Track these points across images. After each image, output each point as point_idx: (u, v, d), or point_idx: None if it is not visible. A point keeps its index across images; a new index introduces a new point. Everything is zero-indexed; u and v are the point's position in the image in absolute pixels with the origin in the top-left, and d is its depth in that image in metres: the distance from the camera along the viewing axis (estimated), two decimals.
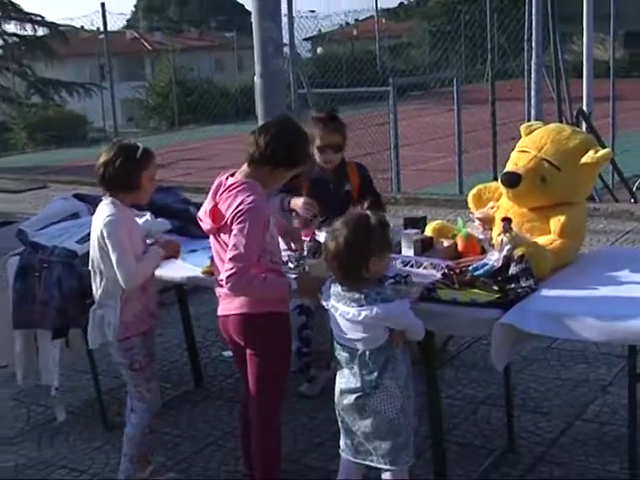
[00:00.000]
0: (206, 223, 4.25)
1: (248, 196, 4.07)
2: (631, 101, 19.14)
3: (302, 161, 4.34)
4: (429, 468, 4.34)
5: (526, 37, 12.85)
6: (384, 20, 42.46)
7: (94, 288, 4.60)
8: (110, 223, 4.45)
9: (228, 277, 4.02)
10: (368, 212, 3.97)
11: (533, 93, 12.41)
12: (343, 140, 5.61)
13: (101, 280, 4.54)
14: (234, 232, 4.04)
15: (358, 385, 3.91)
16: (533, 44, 12.38)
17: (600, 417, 5.35)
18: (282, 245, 4.65)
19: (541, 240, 4.42)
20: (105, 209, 4.53)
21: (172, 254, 4.81)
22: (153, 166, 4.60)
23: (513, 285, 4.07)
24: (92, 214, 6.04)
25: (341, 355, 3.98)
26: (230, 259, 4.02)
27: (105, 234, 4.44)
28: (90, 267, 4.62)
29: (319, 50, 39.87)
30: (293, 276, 4.38)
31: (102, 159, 4.53)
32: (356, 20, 40.34)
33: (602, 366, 6.06)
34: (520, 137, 4.82)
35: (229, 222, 4.08)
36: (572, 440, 5.10)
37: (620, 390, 5.35)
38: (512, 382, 5.20)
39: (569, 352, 6.29)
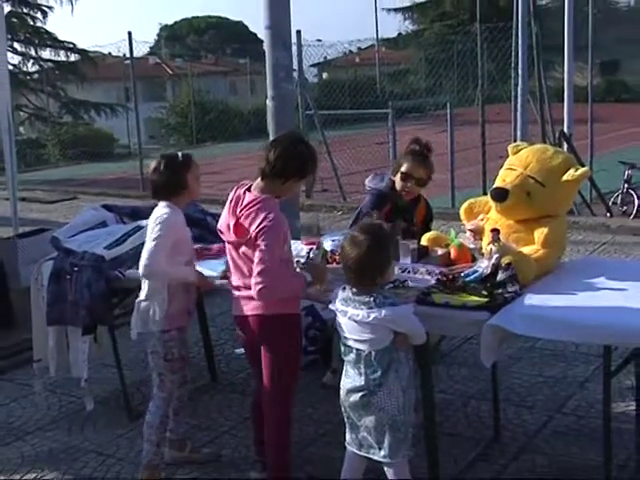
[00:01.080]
0: (229, 237, 4.26)
1: (269, 213, 4.09)
2: (607, 124, 19.14)
3: (310, 171, 4.36)
4: (423, 456, 4.33)
5: (513, 65, 12.88)
6: (384, 49, 42.51)
7: (142, 282, 4.62)
8: (162, 219, 4.50)
9: (259, 291, 4.05)
10: (382, 223, 3.99)
11: (519, 116, 12.42)
12: (427, 178, 5.48)
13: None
14: (260, 247, 4.06)
15: (363, 384, 3.90)
16: (519, 71, 12.39)
17: (578, 410, 5.36)
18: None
19: (526, 250, 4.43)
20: (162, 210, 4.57)
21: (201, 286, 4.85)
22: (196, 167, 4.65)
23: (500, 290, 4.07)
24: (119, 223, 6.11)
25: (348, 356, 3.97)
26: (259, 273, 4.04)
27: (154, 226, 4.49)
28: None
29: (325, 75, 39.87)
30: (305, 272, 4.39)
31: (151, 170, 4.60)
32: (359, 48, 40.30)
33: (580, 364, 6.06)
34: (508, 156, 4.81)
35: (253, 237, 4.09)
36: (553, 431, 5.11)
37: (596, 386, 5.35)
38: (499, 378, 5.21)
39: (550, 351, 6.29)
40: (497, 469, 4.70)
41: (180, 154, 4.67)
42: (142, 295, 4.62)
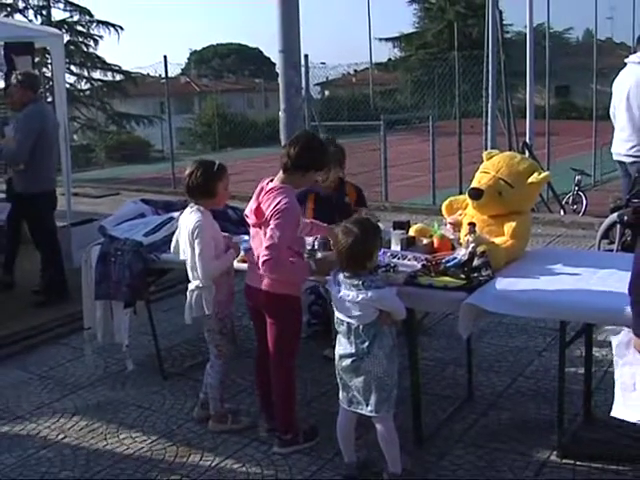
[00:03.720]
0: (251, 219, 4.22)
1: (284, 198, 4.04)
2: (560, 137, 19.04)
3: (327, 163, 4.32)
4: (409, 413, 4.31)
5: (484, 87, 12.83)
6: (376, 71, 42.43)
7: (190, 276, 4.54)
8: (198, 228, 4.39)
9: (264, 262, 4.00)
10: (369, 217, 3.96)
11: (489, 129, 12.38)
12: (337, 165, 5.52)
13: (195, 270, 4.48)
14: (271, 226, 4.01)
15: (353, 351, 3.88)
16: (489, 92, 12.36)
17: (537, 374, 5.32)
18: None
19: (497, 240, 4.40)
20: (194, 216, 4.45)
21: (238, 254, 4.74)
22: (227, 177, 4.52)
23: (476, 274, 4.05)
24: (155, 214, 6.06)
25: (341, 328, 3.95)
26: (266, 247, 3.99)
27: (194, 236, 4.40)
28: (186, 261, 4.56)
29: (327, 92, 39.77)
30: (312, 262, 4.33)
31: (187, 172, 4.48)
32: (355, 71, 40.24)
33: (539, 336, 6.02)
34: (482, 161, 4.77)
35: (268, 218, 4.04)
36: (516, 392, 5.07)
37: (552, 354, 5.31)
38: (472, 348, 5.16)
39: (515, 325, 6.25)
40: (469, 422, 4.68)
41: (216, 164, 4.49)
42: (192, 286, 4.53)
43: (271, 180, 4.22)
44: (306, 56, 12.79)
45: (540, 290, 3.90)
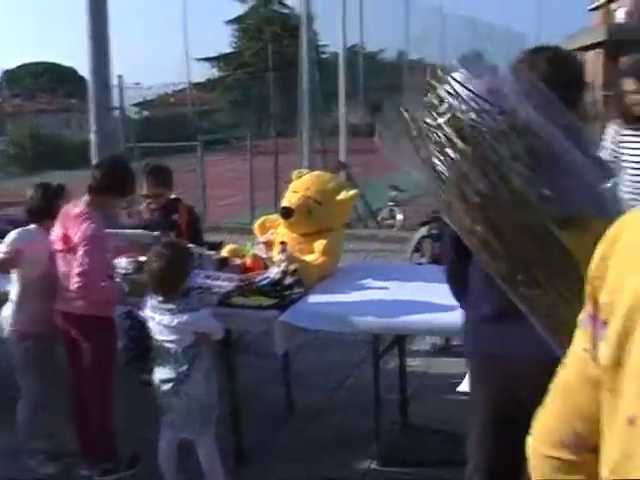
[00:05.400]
0: (58, 245, 4.11)
1: (90, 224, 3.98)
2: (377, 154, 19.52)
3: (131, 191, 4.27)
4: (228, 432, 4.30)
5: (299, 107, 13.07)
6: (195, 91, 42.23)
7: None
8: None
9: (76, 288, 3.92)
10: (179, 240, 3.96)
11: (305, 147, 12.61)
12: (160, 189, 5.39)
13: None
14: (80, 253, 3.93)
15: (173, 375, 3.82)
16: (304, 112, 12.60)
17: (354, 387, 5.44)
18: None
19: (308, 258, 4.48)
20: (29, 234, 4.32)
21: None
22: (68, 197, 4.37)
23: (288, 292, 4.12)
24: None
25: (159, 352, 3.89)
26: (77, 274, 3.92)
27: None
28: None
29: (145, 113, 39.16)
30: (125, 284, 4.26)
31: (28, 196, 4.36)
32: (174, 91, 39.89)
33: (356, 350, 6.12)
34: (292, 181, 4.86)
35: (77, 245, 3.96)
36: (335, 405, 5.18)
37: (369, 367, 5.43)
38: (290, 364, 5.22)
39: (332, 340, 6.34)
40: (291, 438, 4.72)
41: (54, 185, 4.42)
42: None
43: (75, 205, 4.12)
44: (120, 76, 12.57)
45: (351, 305, 4.02)
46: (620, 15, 44.01)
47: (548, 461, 1.37)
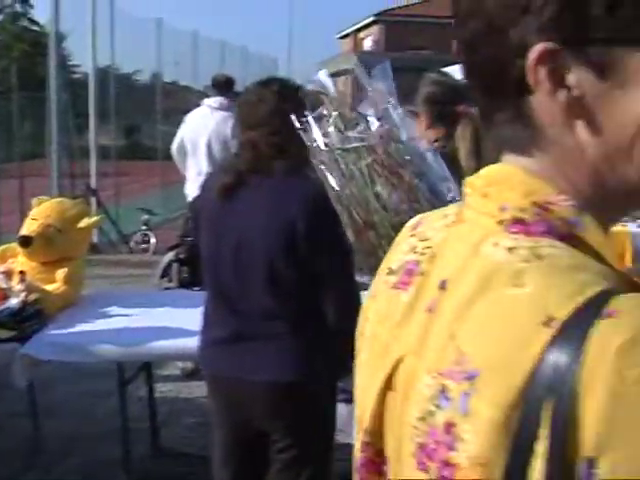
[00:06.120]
0: None
1: None
2: (131, 177, 19.20)
3: None
4: None
5: (47, 128, 12.68)
6: None
7: None
8: None
9: None
10: None
11: (54, 171, 12.22)
12: None
13: None
14: None
15: None
16: (53, 133, 12.22)
17: (105, 417, 5.33)
18: None
19: (50, 287, 4.39)
20: None
21: None
22: None
23: (29, 323, 4.02)
24: None
25: None
26: None
27: None
28: None
29: None
30: None
31: None
32: None
33: (106, 378, 6.02)
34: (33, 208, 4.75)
35: None
36: (85, 436, 5.07)
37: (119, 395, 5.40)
38: (37, 397, 5.03)
39: (83, 369, 6.20)
40: (41, 474, 4.60)
41: None
42: None
43: None
44: None
45: (94, 334, 3.98)
46: (368, 43, 46.87)
47: None
